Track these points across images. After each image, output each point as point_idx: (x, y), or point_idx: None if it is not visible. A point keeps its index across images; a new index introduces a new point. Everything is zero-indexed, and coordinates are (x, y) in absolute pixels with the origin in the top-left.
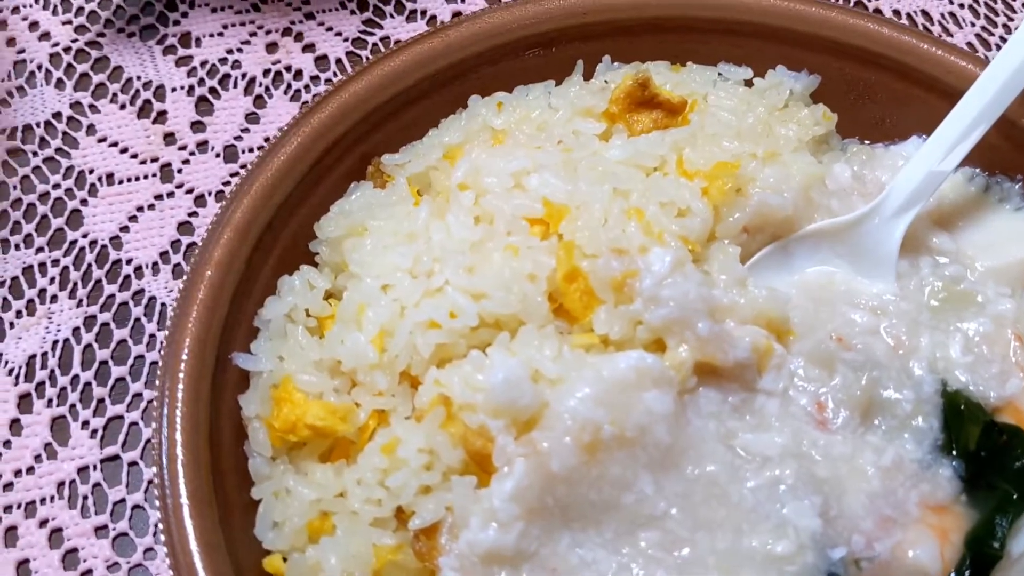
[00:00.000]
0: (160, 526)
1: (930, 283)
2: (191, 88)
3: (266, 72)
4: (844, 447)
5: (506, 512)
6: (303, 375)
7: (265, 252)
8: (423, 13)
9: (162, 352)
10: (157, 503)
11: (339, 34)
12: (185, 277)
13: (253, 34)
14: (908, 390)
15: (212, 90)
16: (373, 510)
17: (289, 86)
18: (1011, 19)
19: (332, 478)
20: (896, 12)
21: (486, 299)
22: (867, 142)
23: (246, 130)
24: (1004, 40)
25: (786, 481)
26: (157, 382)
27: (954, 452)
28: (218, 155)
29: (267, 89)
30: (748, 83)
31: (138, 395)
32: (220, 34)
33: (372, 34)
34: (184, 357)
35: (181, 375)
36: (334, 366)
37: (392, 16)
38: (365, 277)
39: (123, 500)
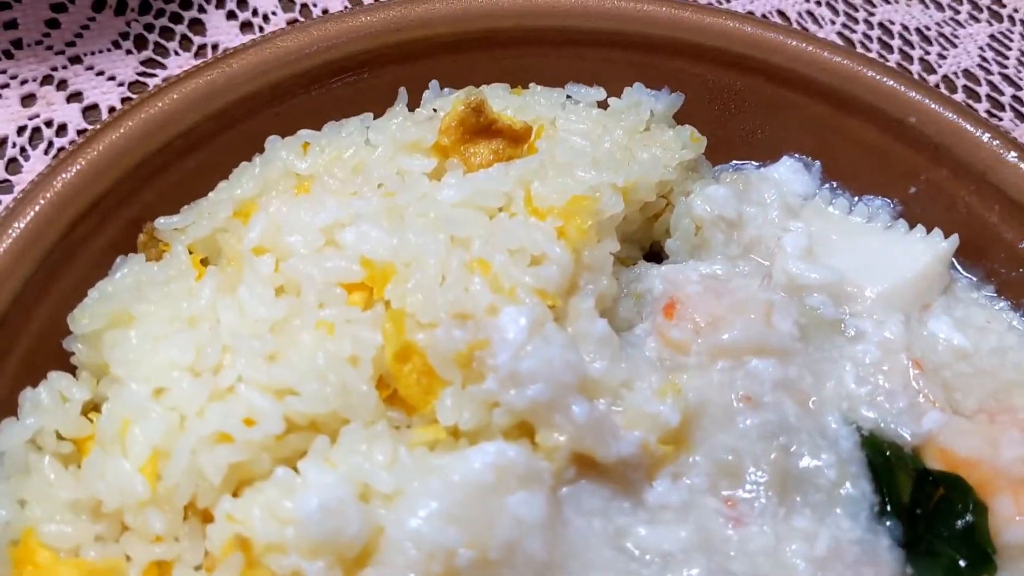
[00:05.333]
0: None
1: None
2: None
3: (21, 130)
4: (765, 538)
5: None
6: (51, 525)
7: None
8: (215, 47)
9: None
10: None
11: (112, 78)
12: None
13: (5, 85)
14: (826, 453)
15: None
16: None
17: (51, 144)
18: (872, 13)
19: None
20: (750, 13)
21: (293, 396)
22: (738, 162)
23: None
24: (867, 36)
25: None
26: None
27: (888, 510)
28: None
29: (22, 150)
30: (603, 105)
31: None
32: None
33: (153, 75)
34: None
35: None
36: (95, 507)
37: (177, 53)
38: (130, 381)
39: None
